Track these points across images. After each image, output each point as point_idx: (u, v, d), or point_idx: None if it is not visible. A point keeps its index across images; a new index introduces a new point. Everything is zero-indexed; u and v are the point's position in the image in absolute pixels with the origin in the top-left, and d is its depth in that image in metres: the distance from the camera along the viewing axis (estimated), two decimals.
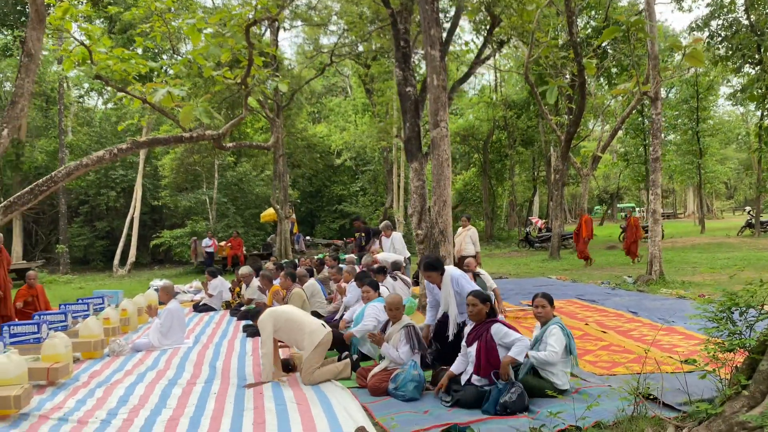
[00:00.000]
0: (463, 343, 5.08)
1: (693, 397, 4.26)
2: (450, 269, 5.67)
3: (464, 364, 5.03)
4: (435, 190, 8.08)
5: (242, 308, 10.04)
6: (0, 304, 9.15)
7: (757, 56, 22.75)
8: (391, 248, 10.51)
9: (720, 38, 23.61)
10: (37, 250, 28.36)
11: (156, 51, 23.67)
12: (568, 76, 20.37)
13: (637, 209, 42.16)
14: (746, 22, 22.77)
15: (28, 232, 28.45)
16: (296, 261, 12.84)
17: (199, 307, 11.20)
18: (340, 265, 10.14)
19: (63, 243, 24.86)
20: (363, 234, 12.03)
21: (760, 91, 23.36)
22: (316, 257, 13.03)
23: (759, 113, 26.65)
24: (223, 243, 20.53)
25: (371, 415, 4.61)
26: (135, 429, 4.47)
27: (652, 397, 4.29)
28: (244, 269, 10.55)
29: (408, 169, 28.71)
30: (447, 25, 14.47)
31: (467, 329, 5.11)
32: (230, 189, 27.10)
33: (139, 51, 23.21)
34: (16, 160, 26.56)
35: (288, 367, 6.14)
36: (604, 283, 12.16)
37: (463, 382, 4.89)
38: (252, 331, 8.28)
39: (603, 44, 21.07)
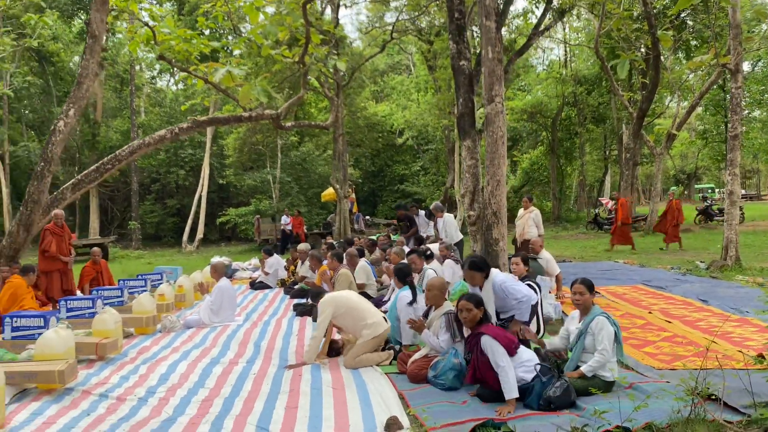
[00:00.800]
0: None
1: (761, 399, 3.81)
2: (494, 274, 5.27)
3: None
4: (488, 168, 7.70)
5: (296, 286, 10.05)
6: (62, 278, 9.51)
7: None
8: (443, 230, 10.21)
9: None
10: (112, 226, 29.70)
11: (222, 31, 23.99)
12: (642, 50, 19.21)
13: (716, 190, 39.84)
14: None
15: (104, 209, 29.79)
16: (350, 240, 12.70)
17: (256, 285, 11.31)
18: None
19: (135, 220, 25.88)
20: (407, 222, 11.71)
21: None
22: (368, 238, 12.88)
23: None
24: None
25: (407, 404, 4.41)
26: (169, 408, 4.44)
27: (713, 397, 3.87)
28: (301, 246, 10.55)
29: None
30: None
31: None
32: (294, 168, 27.35)
33: (207, 32, 23.71)
34: (92, 140, 27.76)
35: (334, 349, 6.01)
36: (674, 269, 11.44)
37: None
38: (301, 310, 8.25)
39: (681, 14, 19.70)
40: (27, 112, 30.05)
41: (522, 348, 4.47)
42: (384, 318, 5.85)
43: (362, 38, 27.02)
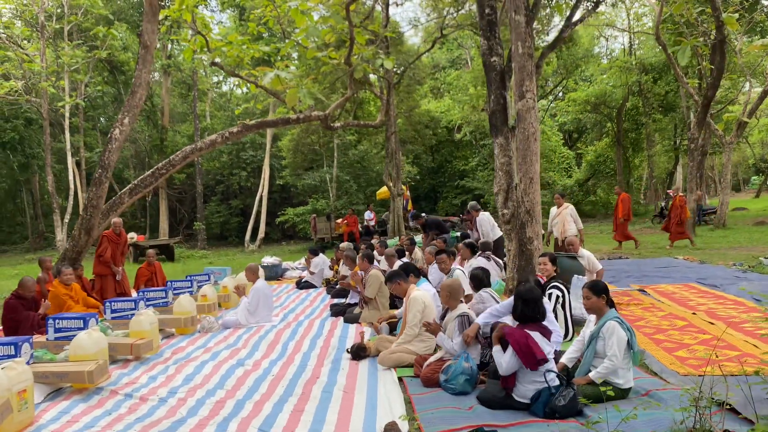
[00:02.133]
0: None
1: None
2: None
3: None
4: (521, 166, 7.53)
5: (337, 286, 10.16)
6: (116, 284, 9.98)
7: None
8: (479, 229, 10.05)
9: None
10: (180, 227, 30.94)
11: (277, 35, 24.47)
12: (712, 34, 18.16)
13: None
14: None
15: (172, 210, 31.08)
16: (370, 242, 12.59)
17: (301, 284, 11.50)
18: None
19: (200, 220, 26.87)
20: (436, 231, 11.54)
21: None
22: (408, 238, 12.79)
23: None
24: (339, 220, 21.03)
25: (413, 408, 4.38)
26: (184, 409, 4.60)
27: (728, 406, 3.63)
28: (343, 246, 10.64)
29: None
30: None
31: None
32: (352, 167, 27.61)
33: (265, 35, 24.29)
34: (160, 144, 29.00)
35: (360, 353, 6.03)
36: (735, 265, 10.79)
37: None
38: (337, 311, 8.34)
39: None
40: (101, 119, 31.70)
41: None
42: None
43: (416, 35, 26.89)
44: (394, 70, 21.76)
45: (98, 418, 4.51)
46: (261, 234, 25.70)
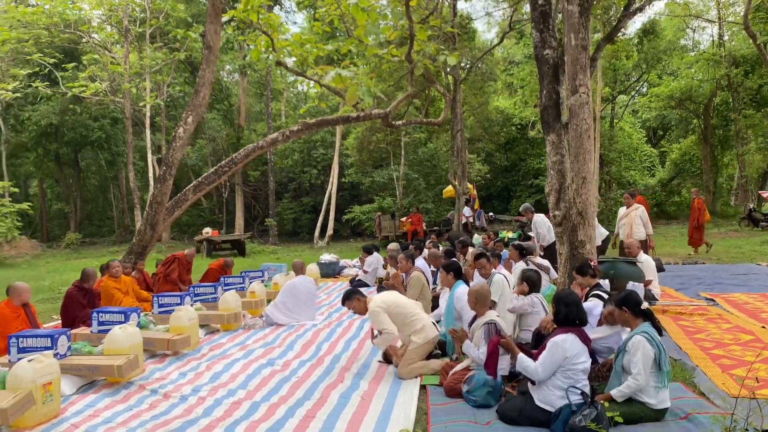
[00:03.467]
0: None
1: None
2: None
3: None
4: (573, 165, 7.09)
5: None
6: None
7: None
8: (534, 231, 9.59)
9: None
10: (255, 223, 31.74)
11: (343, 34, 24.60)
12: None
13: None
14: None
15: (248, 206, 31.94)
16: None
17: (354, 283, 11.43)
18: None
19: (272, 217, 27.47)
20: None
21: None
22: (459, 239, 12.40)
23: None
24: (403, 218, 20.89)
25: (428, 420, 4.16)
26: (200, 409, 4.59)
27: None
28: (391, 246, 10.49)
29: (605, 139, 26.13)
30: None
31: None
32: (422, 165, 27.38)
33: (339, 34, 24.49)
34: (236, 143, 29.85)
35: (389, 357, 5.88)
36: None
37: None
38: None
39: None
40: None
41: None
42: (434, 323, 5.64)
43: (489, 30, 26.30)
44: (463, 65, 21.37)
45: (118, 414, 4.57)
46: (330, 231, 25.95)
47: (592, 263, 5.90)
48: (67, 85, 22.55)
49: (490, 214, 26.13)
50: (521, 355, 4.15)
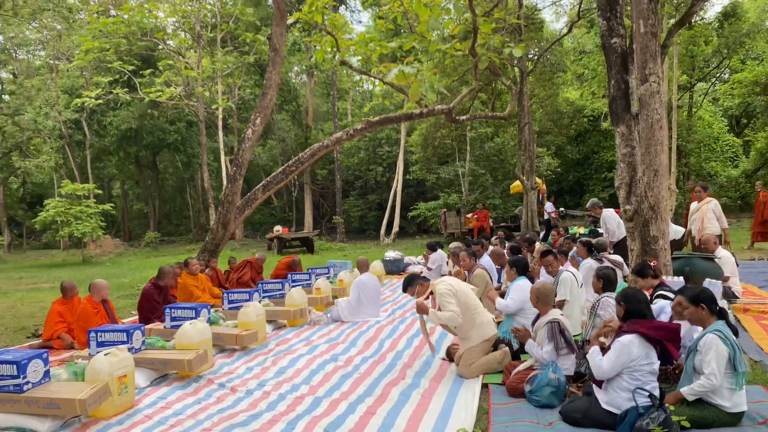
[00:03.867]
0: None
1: None
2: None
3: None
4: (644, 157, 6.78)
5: None
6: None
7: None
8: (603, 227, 9.25)
9: None
10: (323, 220, 32.29)
11: (405, 30, 24.56)
12: None
13: None
14: None
15: (316, 204, 32.53)
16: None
17: None
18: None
19: (339, 215, 27.85)
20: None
21: None
22: (524, 236, 12.09)
23: None
24: (469, 215, 20.68)
25: (489, 420, 4.10)
26: (264, 404, 4.69)
27: None
28: (453, 244, 10.39)
29: (682, 129, 24.92)
30: None
31: None
32: (489, 160, 27.01)
33: (403, 31, 24.50)
34: (305, 143, 30.42)
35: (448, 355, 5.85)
36: None
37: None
38: None
39: None
40: None
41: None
42: (494, 319, 5.55)
43: (557, 20, 25.59)
44: (530, 56, 20.89)
45: (188, 406, 4.75)
46: (395, 228, 26.04)
47: (652, 263, 5.62)
48: (145, 91, 23.65)
49: (561, 209, 25.45)
50: (594, 348, 4.00)
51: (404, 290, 5.88)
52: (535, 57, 20.72)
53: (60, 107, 29.09)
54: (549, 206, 18.90)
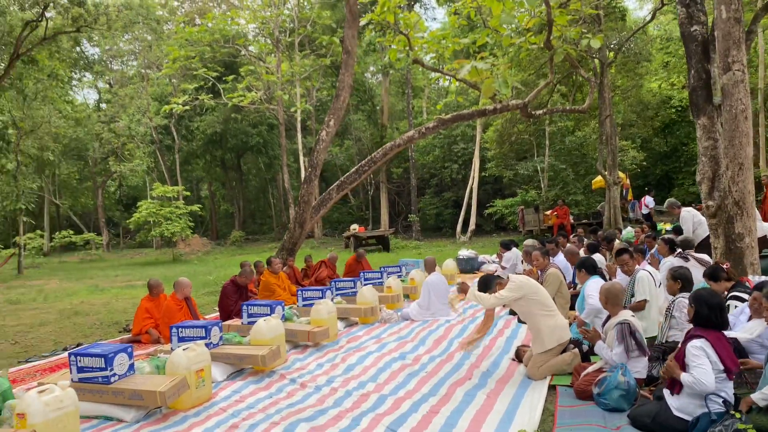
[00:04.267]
0: None
1: None
2: None
3: None
4: (727, 150, 6.42)
5: None
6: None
7: None
8: (683, 226, 8.77)
9: None
10: (399, 219, 32.47)
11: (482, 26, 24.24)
12: None
13: None
14: None
15: (392, 203, 32.76)
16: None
17: None
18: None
19: (414, 213, 27.91)
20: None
21: None
22: (608, 232, 11.63)
23: None
24: (548, 212, 20.18)
25: (554, 422, 4.02)
26: (331, 400, 4.81)
27: None
28: (528, 241, 10.20)
29: None
30: None
31: None
32: (570, 155, 26.24)
33: (479, 27, 24.24)
34: (380, 142, 30.68)
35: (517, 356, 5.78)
36: None
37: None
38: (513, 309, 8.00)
39: None
40: None
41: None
42: (569, 324, 5.43)
43: (641, 7, 24.52)
44: (612, 46, 20.10)
45: (260, 400, 4.94)
46: (472, 226, 25.80)
47: (725, 266, 5.29)
48: (228, 96, 24.64)
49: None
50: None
51: (481, 291, 5.79)
52: (617, 47, 19.92)
53: (151, 114, 30.87)
54: (650, 201, 18.08)
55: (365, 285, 9.13)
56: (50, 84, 20.94)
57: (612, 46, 20.05)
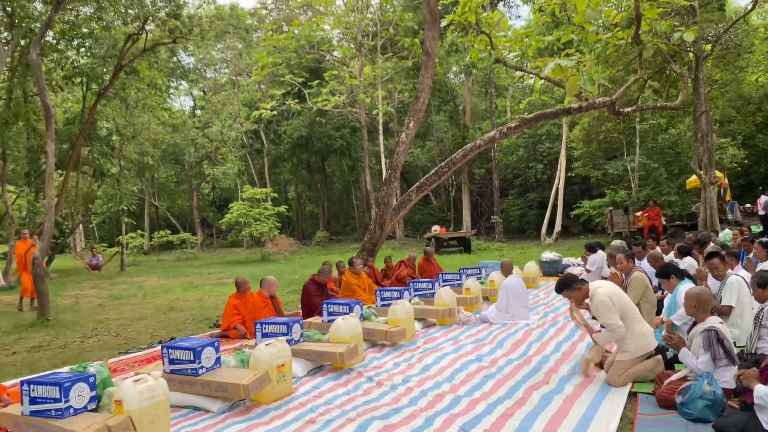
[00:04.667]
0: None
1: None
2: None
3: None
4: None
5: None
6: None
7: None
8: None
9: None
10: (482, 220, 32.14)
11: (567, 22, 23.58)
12: None
13: None
14: None
15: (474, 204, 32.48)
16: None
17: None
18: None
19: (497, 214, 27.54)
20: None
21: None
22: (701, 234, 10.98)
23: None
24: (639, 213, 19.35)
25: (633, 430, 3.91)
26: (406, 399, 4.88)
27: None
28: (615, 243, 9.85)
29: None
30: None
31: None
32: (663, 154, 25.01)
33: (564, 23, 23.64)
34: (462, 142, 30.49)
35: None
36: None
37: None
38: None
39: None
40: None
41: None
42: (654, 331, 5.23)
43: None
44: (709, 37, 19.00)
45: (338, 396, 5.09)
46: (557, 227, 25.15)
47: None
48: (313, 101, 25.37)
49: (747, 205, 22.82)
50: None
51: (559, 291, 5.60)
52: (713, 39, 18.81)
53: (241, 119, 32.26)
54: (765, 201, 16.82)
55: (443, 286, 9.14)
56: (150, 93, 22.33)
57: (709, 38, 18.96)
